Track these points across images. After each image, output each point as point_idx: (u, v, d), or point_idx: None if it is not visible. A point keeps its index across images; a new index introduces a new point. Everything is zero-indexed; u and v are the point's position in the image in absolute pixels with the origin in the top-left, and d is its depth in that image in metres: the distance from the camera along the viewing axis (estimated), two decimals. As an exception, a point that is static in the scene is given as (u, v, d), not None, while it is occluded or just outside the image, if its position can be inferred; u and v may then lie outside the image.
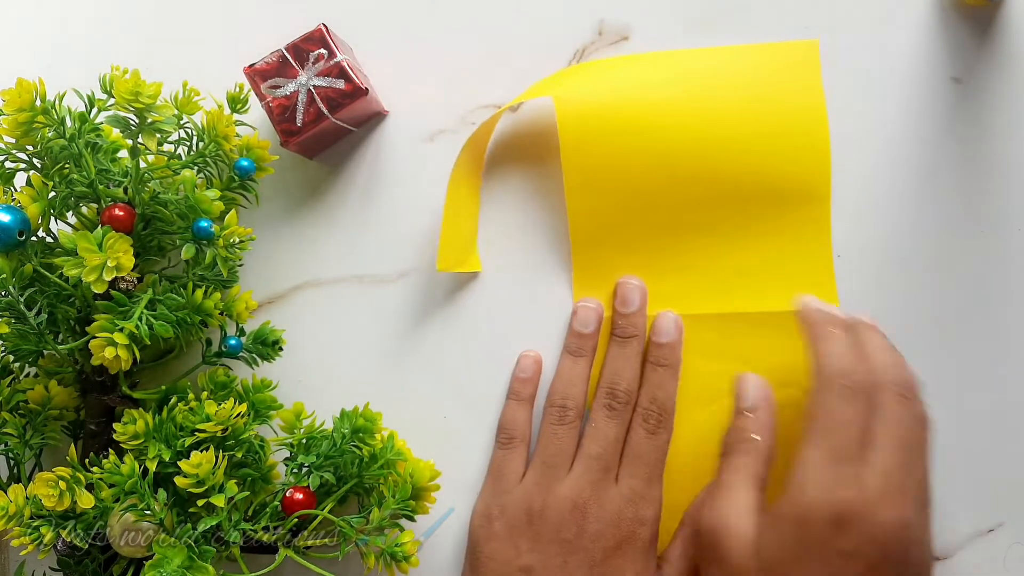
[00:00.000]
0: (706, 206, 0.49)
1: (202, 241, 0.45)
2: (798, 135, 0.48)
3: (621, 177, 0.49)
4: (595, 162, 0.49)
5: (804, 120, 0.49)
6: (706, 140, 0.48)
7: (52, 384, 0.48)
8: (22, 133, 0.44)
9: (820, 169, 0.48)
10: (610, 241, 0.50)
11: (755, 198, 0.48)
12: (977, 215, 0.48)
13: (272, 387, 0.49)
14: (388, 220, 0.52)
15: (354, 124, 0.51)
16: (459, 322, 0.51)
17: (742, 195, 0.48)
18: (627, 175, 0.49)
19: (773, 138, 0.48)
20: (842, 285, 0.48)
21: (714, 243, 0.49)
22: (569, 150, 0.49)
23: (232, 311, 0.49)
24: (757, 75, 0.49)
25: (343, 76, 0.49)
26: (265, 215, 0.53)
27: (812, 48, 0.49)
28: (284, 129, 0.49)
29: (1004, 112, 0.48)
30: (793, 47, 0.49)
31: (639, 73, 0.50)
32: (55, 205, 0.45)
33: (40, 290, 0.44)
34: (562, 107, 0.49)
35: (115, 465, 0.45)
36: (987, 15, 0.48)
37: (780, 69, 0.49)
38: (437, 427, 0.51)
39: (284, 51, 0.49)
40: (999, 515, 0.47)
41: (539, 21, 0.52)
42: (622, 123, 0.49)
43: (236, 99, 0.50)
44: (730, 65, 0.49)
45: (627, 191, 0.49)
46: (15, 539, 0.45)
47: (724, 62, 0.49)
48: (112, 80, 0.45)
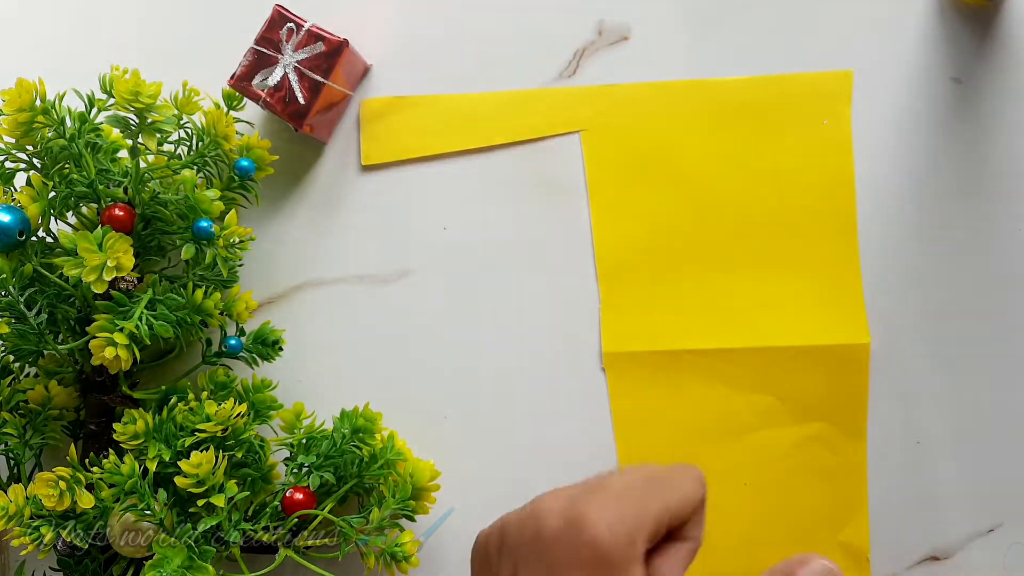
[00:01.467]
0: (734, 239, 0.48)
1: (202, 241, 0.45)
2: (827, 167, 0.48)
3: (648, 208, 0.49)
4: (622, 193, 0.49)
5: (833, 151, 0.48)
6: (734, 171, 0.48)
7: (52, 384, 0.48)
8: (22, 133, 0.44)
9: (846, 201, 0.48)
10: (638, 273, 0.49)
11: (783, 230, 0.48)
12: (977, 215, 0.48)
13: (272, 387, 0.49)
14: (388, 220, 0.52)
15: (349, 87, 0.52)
16: (460, 322, 0.51)
17: (770, 227, 0.48)
18: (654, 207, 0.49)
19: (802, 170, 0.48)
20: (842, 285, 0.48)
21: (743, 276, 0.48)
22: (596, 182, 0.49)
23: (232, 311, 0.49)
24: (789, 105, 0.48)
25: (319, 39, 0.49)
26: (265, 215, 0.53)
27: (845, 79, 0.48)
28: (292, 113, 0.49)
29: (1004, 112, 0.48)
30: (826, 78, 0.49)
31: (665, 101, 0.49)
32: (55, 205, 0.45)
33: (40, 290, 0.44)
34: (589, 139, 0.49)
35: (115, 465, 0.44)
36: (987, 15, 0.48)
37: (812, 100, 0.48)
38: (437, 427, 0.51)
39: (255, 47, 0.49)
40: (999, 515, 0.47)
41: (539, 21, 0.52)
42: (649, 154, 0.49)
43: (232, 96, 0.50)
44: (761, 95, 0.49)
45: (655, 223, 0.49)
46: (15, 539, 0.45)
47: (755, 91, 0.49)
48: (112, 80, 0.45)
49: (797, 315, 0.48)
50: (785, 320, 0.48)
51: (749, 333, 0.48)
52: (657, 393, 0.49)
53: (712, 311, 0.49)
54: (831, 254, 0.48)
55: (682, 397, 0.48)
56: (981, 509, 0.47)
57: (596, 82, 0.51)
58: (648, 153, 0.49)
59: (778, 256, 0.48)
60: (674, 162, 0.49)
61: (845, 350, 0.47)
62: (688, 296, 0.49)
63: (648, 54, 0.51)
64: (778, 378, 0.48)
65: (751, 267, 0.48)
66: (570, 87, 0.51)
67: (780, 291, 0.48)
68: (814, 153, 0.48)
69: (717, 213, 0.48)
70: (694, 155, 0.49)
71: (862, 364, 0.47)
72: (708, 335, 0.48)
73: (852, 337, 0.47)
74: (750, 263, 0.48)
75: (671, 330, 0.49)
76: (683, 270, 0.49)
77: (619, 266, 0.49)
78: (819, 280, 0.48)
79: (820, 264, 0.48)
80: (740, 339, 0.48)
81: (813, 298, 0.48)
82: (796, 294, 0.48)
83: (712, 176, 0.49)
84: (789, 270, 0.48)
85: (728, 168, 0.49)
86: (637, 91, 0.50)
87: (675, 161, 0.49)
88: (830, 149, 0.48)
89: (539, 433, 0.50)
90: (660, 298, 0.49)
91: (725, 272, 0.49)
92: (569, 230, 0.51)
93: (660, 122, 0.49)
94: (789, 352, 0.48)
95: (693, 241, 0.49)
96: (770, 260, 0.48)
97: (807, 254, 0.48)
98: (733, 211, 0.48)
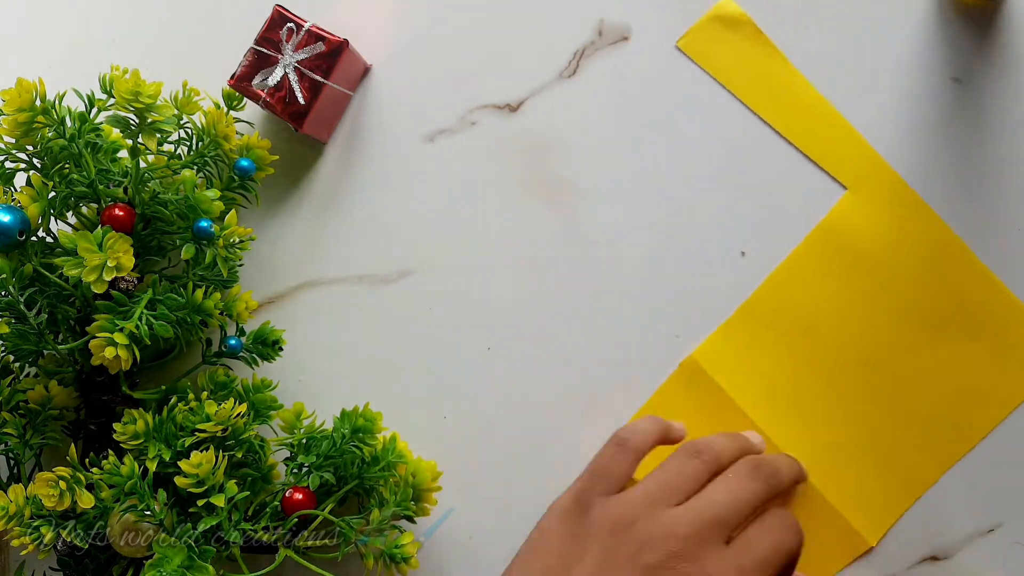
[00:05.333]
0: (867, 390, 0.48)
1: (202, 241, 0.45)
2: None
3: (841, 304, 0.48)
4: (830, 274, 0.48)
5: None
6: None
7: (52, 384, 0.48)
8: (22, 133, 0.44)
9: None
10: (773, 332, 0.49)
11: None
12: (977, 215, 0.48)
13: (272, 387, 0.49)
14: (388, 220, 0.52)
15: (349, 87, 0.52)
16: (460, 322, 0.51)
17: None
18: (845, 307, 0.48)
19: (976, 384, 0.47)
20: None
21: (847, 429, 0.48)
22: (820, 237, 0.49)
23: (232, 311, 0.49)
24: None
25: (319, 39, 0.49)
26: (265, 215, 0.53)
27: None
28: (292, 113, 0.49)
29: (1004, 112, 0.48)
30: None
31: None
32: (55, 205, 0.45)
33: (40, 290, 0.44)
34: (850, 200, 0.48)
35: (115, 465, 0.45)
36: (987, 15, 0.48)
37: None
38: (437, 427, 0.51)
39: (255, 47, 0.49)
40: (999, 515, 0.47)
41: (539, 21, 0.52)
42: (867, 258, 0.48)
43: (232, 96, 0.50)
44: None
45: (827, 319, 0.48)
46: (15, 539, 0.45)
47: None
48: (112, 80, 0.45)
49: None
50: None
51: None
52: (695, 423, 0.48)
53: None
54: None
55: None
56: (981, 509, 0.47)
57: (597, 82, 0.51)
58: (868, 257, 0.48)
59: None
60: (885, 286, 0.47)
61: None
62: (796, 390, 0.48)
63: (648, 54, 0.51)
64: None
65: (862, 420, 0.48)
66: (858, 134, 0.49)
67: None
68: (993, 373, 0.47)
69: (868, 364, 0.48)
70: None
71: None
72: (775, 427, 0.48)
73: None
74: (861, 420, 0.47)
75: (753, 395, 0.48)
76: (817, 371, 0.48)
77: (768, 309, 0.48)
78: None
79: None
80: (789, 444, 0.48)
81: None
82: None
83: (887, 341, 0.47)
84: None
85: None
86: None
87: (886, 285, 0.47)
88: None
89: (539, 433, 0.50)
90: (774, 368, 0.48)
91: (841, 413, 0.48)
92: (569, 230, 0.51)
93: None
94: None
95: (839, 368, 0.48)
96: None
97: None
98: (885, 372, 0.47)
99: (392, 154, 0.52)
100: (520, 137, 0.51)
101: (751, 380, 0.48)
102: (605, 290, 0.50)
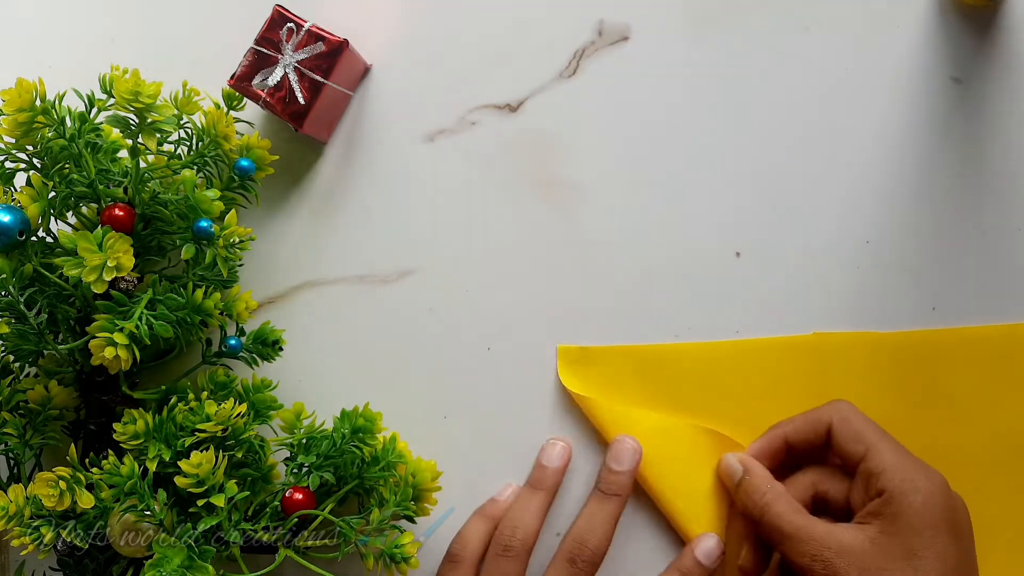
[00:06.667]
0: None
1: (202, 241, 0.45)
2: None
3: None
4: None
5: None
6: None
7: (52, 384, 0.48)
8: (22, 133, 0.44)
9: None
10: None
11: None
12: (977, 215, 0.48)
13: (272, 387, 0.49)
14: (388, 220, 0.52)
15: (349, 87, 0.52)
16: (459, 322, 0.51)
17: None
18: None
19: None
20: (841, 283, 0.48)
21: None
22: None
23: (232, 311, 0.48)
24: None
25: (319, 39, 0.49)
26: (265, 215, 0.53)
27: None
28: (292, 113, 0.49)
29: (1004, 112, 0.48)
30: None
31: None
32: (55, 205, 0.45)
33: (40, 290, 0.44)
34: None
35: (115, 465, 0.44)
36: (987, 15, 0.48)
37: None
38: (437, 427, 0.51)
39: (255, 47, 0.49)
40: (999, 515, 0.47)
41: (539, 21, 0.52)
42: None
43: (232, 96, 0.50)
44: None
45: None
46: (15, 539, 0.45)
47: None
48: (112, 80, 0.45)
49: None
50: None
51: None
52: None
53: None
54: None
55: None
56: (981, 509, 0.47)
57: (596, 82, 0.51)
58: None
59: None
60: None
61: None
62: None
63: (648, 54, 0.51)
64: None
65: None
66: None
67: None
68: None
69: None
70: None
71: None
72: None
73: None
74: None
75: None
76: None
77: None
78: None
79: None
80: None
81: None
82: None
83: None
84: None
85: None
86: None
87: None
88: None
89: (539, 433, 0.50)
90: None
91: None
92: (569, 230, 0.51)
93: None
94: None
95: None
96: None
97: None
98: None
99: (392, 154, 0.52)
100: (520, 137, 0.51)
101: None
102: (604, 290, 0.50)
